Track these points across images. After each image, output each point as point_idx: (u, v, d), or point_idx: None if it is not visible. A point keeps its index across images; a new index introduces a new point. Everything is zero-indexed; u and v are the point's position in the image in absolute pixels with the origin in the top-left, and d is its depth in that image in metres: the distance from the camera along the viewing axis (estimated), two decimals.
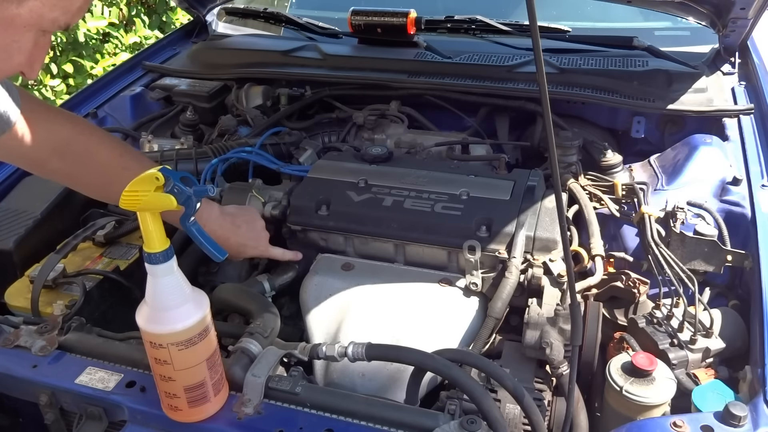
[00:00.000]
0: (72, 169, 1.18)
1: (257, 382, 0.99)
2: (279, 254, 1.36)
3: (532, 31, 0.71)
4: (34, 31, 0.67)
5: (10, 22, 0.64)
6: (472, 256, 1.26)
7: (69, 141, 1.16)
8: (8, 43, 0.65)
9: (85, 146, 1.17)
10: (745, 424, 0.91)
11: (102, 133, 1.23)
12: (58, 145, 1.14)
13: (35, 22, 0.66)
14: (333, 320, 1.24)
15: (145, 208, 0.86)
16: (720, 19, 1.75)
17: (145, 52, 2.21)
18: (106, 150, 1.20)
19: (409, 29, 1.99)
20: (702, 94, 1.71)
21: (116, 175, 1.17)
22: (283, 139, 1.74)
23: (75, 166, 1.17)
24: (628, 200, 1.47)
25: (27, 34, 0.67)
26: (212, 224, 1.25)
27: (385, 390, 1.13)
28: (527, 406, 0.99)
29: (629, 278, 1.28)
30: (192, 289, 0.92)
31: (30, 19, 0.65)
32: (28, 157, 1.14)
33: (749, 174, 1.46)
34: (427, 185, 1.41)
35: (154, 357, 0.92)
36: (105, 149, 1.20)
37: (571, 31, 1.93)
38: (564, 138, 1.55)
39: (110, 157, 1.19)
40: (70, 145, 1.16)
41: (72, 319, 1.17)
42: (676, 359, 1.13)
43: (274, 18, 2.24)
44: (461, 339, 1.22)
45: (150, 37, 4.49)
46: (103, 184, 1.20)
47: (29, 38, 0.67)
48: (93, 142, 1.19)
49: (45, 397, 1.04)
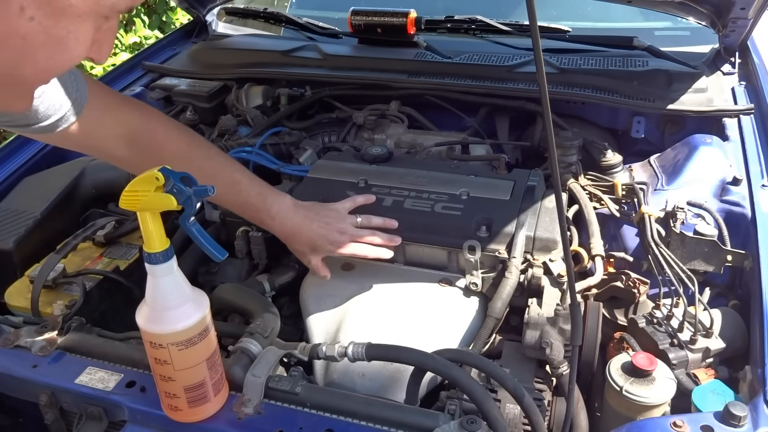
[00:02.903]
0: (139, 159, 1.14)
1: (257, 382, 0.99)
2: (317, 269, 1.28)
3: (532, 31, 0.71)
4: (92, 19, 0.64)
5: (63, 13, 0.61)
6: (472, 256, 1.26)
7: (137, 130, 1.13)
8: (63, 34, 0.62)
9: (152, 136, 1.15)
10: (745, 424, 0.91)
11: (170, 123, 1.20)
12: (126, 133, 1.12)
13: (91, 10, 0.63)
14: (333, 320, 1.24)
15: (145, 208, 0.86)
16: (720, 19, 1.75)
17: (145, 52, 2.21)
18: (174, 140, 1.18)
19: (409, 29, 1.99)
20: (702, 94, 1.71)
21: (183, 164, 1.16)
22: (283, 139, 1.74)
23: (142, 156, 1.14)
24: (628, 200, 1.47)
25: (84, 23, 0.63)
26: (283, 216, 1.24)
27: (385, 390, 1.13)
28: (527, 406, 0.99)
29: (629, 278, 1.28)
30: (192, 289, 0.92)
31: (84, 7, 0.62)
32: (97, 146, 1.13)
33: (749, 174, 1.46)
34: (427, 185, 1.41)
35: (154, 357, 0.92)
36: (173, 140, 1.18)
37: (571, 31, 1.93)
38: (564, 138, 1.55)
39: (178, 148, 1.18)
40: (138, 134, 1.13)
41: (72, 319, 1.17)
42: (676, 359, 1.14)
43: (274, 18, 2.24)
44: (461, 339, 1.22)
45: (150, 37, 4.49)
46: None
47: (87, 27, 0.64)
48: (161, 132, 1.17)
49: (45, 397, 1.04)
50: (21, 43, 0.60)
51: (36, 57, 0.63)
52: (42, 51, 0.62)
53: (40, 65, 0.64)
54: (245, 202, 1.25)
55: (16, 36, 0.60)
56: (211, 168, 1.21)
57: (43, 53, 0.62)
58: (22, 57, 0.62)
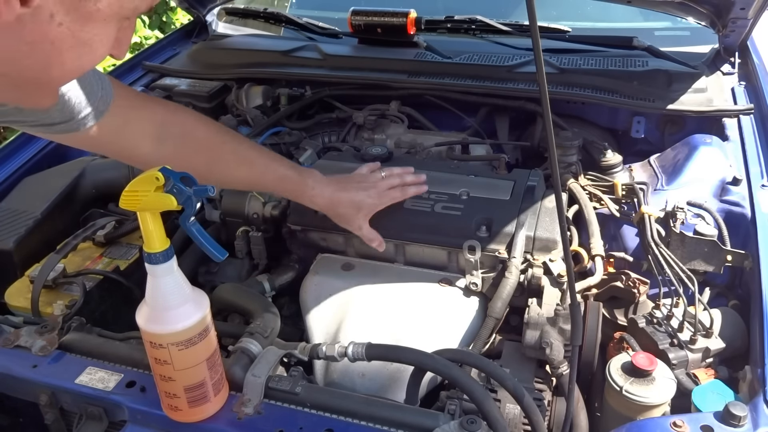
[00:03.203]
0: (174, 152, 1.14)
1: (257, 382, 0.99)
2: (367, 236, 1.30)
3: (532, 31, 0.71)
4: (116, 21, 0.66)
5: (90, 18, 0.63)
6: (472, 256, 1.26)
7: (165, 123, 1.13)
8: (89, 37, 0.64)
9: (182, 125, 1.16)
10: (745, 424, 0.91)
11: (195, 113, 1.22)
12: (153, 128, 1.12)
13: (115, 13, 0.65)
14: (333, 320, 1.24)
15: (145, 208, 0.86)
16: (720, 19, 1.75)
17: (145, 52, 2.21)
18: (203, 128, 1.19)
19: (409, 29, 1.99)
20: (702, 94, 1.71)
21: (218, 150, 1.19)
22: (283, 139, 1.74)
23: (176, 148, 1.15)
24: (628, 200, 1.47)
25: (108, 25, 0.66)
26: (321, 187, 1.26)
27: (385, 390, 1.13)
28: (527, 406, 0.99)
29: (629, 278, 1.28)
30: (192, 289, 0.92)
31: (110, 11, 0.64)
32: (123, 145, 1.12)
33: (749, 174, 1.46)
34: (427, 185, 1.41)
35: (154, 357, 0.92)
36: (202, 127, 1.19)
37: (571, 31, 1.93)
38: (564, 138, 1.55)
39: (207, 135, 1.18)
40: (167, 127, 1.13)
41: (72, 319, 1.17)
42: (676, 359, 1.13)
43: (274, 18, 2.24)
44: (461, 339, 1.22)
45: (150, 37, 4.49)
46: (207, 162, 1.18)
47: (111, 29, 0.66)
48: (190, 121, 1.17)
49: (45, 397, 1.04)
50: (50, 47, 0.63)
51: (63, 59, 0.65)
52: (69, 54, 0.64)
53: (67, 67, 0.66)
54: (283, 177, 1.25)
55: (45, 41, 0.62)
56: (245, 150, 1.22)
57: (70, 56, 0.65)
58: (51, 60, 0.64)
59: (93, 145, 1.13)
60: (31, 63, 0.63)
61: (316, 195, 1.27)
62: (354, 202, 1.28)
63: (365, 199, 1.28)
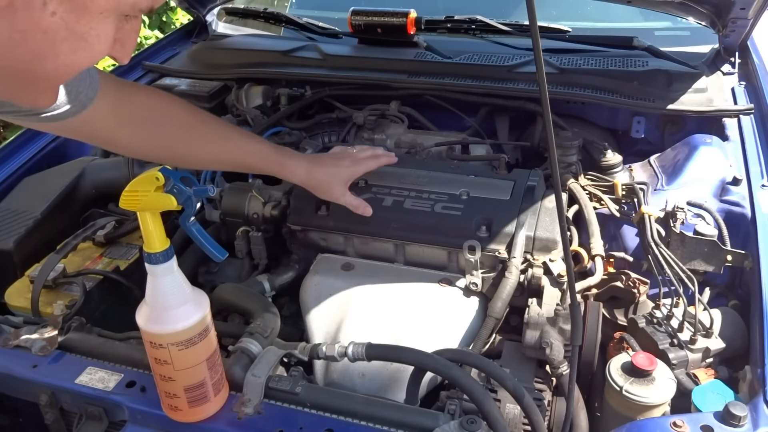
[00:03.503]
0: (156, 134, 1.17)
1: (257, 382, 0.99)
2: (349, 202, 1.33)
3: (532, 31, 0.71)
4: (114, 17, 0.65)
5: (85, 9, 0.62)
6: (472, 256, 1.26)
7: (146, 106, 1.15)
8: (85, 31, 0.63)
9: (160, 108, 1.18)
10: (745, 424, 0.91)
11: (166, 93, 1.24)
12: (138, 113, 1.14)
13: (112, 7, 0.64)
14: (333, 320, 1.24)
15: (145, 208, 0.86)
16: (720, 19, 1.75)
17: (145, 52, 2.21)
18: (180, 108, 1.20)
19: (409, 29, 1.99)
20: (702, 94, 1.71)
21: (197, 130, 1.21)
22: (283, 139, 1.74)
23: (158, 131, 1.17)
24: (628, 200, 1.47)
25: (105, 20, 0.64)
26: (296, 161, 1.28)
27: (385, 390, 1.13)
28: (527, 406, 0.99)
29: (629, 278, 1.28)
30: (192, 289, 0.92)
31: (106, 4, 0.63)
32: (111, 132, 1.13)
33: (749, 174, 1.46)
34: (427, 185, 1.40)
35: (154, 357, 0.92)
36: (178, 107, 1.20)
37: (571, 31, 1.93)
38: (564, 138, 1.55)
39: (185, 114, 1.20)
40: (148, 110, 1.15)
41: (72, 319, 1.17)
42: (676, 359, 1.14)
43: (274, 18, 2.24)
44: (461, 339, 1.22)
45: (150, 37, 4.49)
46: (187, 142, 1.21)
47: (108, 25, 0.65)
48: (164, 102, 1.19)
49: (45, 397, 1.04)
50: (42, 37, 0.61)
51: (57, 52, 0.64)
52: (63, 46, 0.63)
53: (61, 60, 0.65)
54: (261, 153, 1.27)
55: (37, 30, 0.61)
56: (222, 129, 1.24)
57: (64, 49, 0.64)
58: (43, 51, 0.63)
59: (81, 133, 1.13)
60: (23, 53, 0.62)
61: (294, 169, 1.28)
62: (330, 172, 1.30)
63: (341, 168, 1.31)
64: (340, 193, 1.31)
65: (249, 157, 1.27)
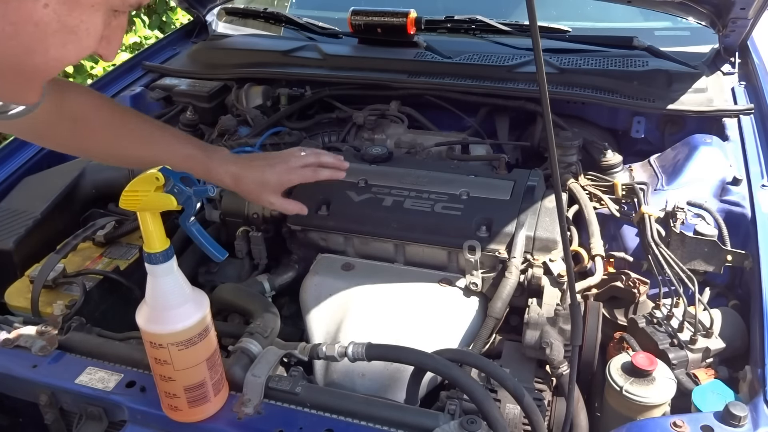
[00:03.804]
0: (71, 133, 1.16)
1: (257, 382, 0.99)
2: (281, 206, 1.27)
3: (532, 31, 0.71)
4: (103, 11, 0.66)
5: (77, 3, 0.62)
6: (472, 256, 1.26)
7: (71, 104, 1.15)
8: (76, 24, 0.64)
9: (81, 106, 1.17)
10: (745, 424, 0.91)
11: (91, 90, 1.22)
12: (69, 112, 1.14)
13: (103, 1, 0.64)
14: (333, 320, 1.24)
15: (145, 208, 0.86)
16: (720, 19, 1.75)
17: (145, 52, 2.21)
18: (102, 107, 1.19)
19: (409, 29, 1.99)
20: (702, 94, 1.71)
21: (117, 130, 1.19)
22: (283, 139, 1.74)
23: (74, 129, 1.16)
24: (628, 200, 1.47)
25: (95, 14, 0.65)
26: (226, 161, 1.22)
27: (385, 390, 1.13)
28: (527, 406, 0.99)
29: (629, 278, 1.28)
30: (192, 289, 0.92)
31: None
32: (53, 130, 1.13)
33: (749, 174, 1.46)
34: (427, 185, 1.41)
35: (154, 357, 0.92)
36: (101, 106, 1.19)
37: (571, 31, 1.93)
38: (564, 138, 1.55)
39: (108, 113, 1.19)
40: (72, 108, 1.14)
41: (72, 319, 1.17)
42: (676, 359, 1.14)
43: (274, 18, 2.24)
44: (461, 339, 1.22)
45: (150, 37, 4.49)
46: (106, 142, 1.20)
47: (98, 19, 0.66)
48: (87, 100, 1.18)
49: (45, 397, 1.04)
50: (34, 29, 0.61)
51: (47, 45, 0.64)
52: (54, 39, 0.63)
53: (50, 54, 0.65)
54: (188, 156, 1.21)
55: (29, 22, 0.61)
56: (147, 130, 1.21)
57: (54, 41, 0.64)
58: (34, 44, 0.63)
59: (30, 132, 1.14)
60: (14, 45, 0.62)
61: (222, 177, 1.23)
62: (258, 180, 1.23)
63: (270, 176, 1.23)
64: (269, 201, 1.25)
65: (175, 160, 1.21)
